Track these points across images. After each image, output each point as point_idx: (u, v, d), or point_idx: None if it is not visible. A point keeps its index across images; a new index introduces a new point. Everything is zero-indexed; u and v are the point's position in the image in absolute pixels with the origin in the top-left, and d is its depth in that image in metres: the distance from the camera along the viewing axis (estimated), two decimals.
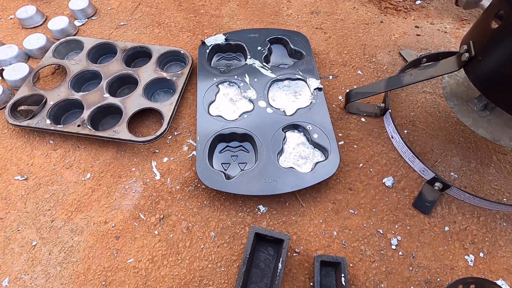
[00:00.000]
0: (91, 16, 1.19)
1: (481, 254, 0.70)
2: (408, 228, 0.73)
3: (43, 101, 0.88)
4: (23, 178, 0.81)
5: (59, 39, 1.05)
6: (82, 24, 1.16)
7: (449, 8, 1.21)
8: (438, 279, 0.67)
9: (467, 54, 0.64)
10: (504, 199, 0.77)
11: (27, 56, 1.07)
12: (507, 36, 0.56)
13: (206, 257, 0.70)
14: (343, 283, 0.62)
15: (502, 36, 0.57)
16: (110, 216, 0.75)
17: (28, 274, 0.68)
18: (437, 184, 0.74)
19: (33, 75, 0.95)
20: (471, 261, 0.69)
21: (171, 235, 0.73)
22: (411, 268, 0.69)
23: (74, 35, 1.11)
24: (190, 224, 0.74)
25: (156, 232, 0.73)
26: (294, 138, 0.84)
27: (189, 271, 0.69)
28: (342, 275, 0.63)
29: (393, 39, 1.10)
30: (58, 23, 1.10)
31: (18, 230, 0.74)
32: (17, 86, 0.96)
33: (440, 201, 0.77)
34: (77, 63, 0.98)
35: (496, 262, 0.69)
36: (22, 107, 0.89)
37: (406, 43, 1.09)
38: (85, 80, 0.97)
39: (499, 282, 0.66)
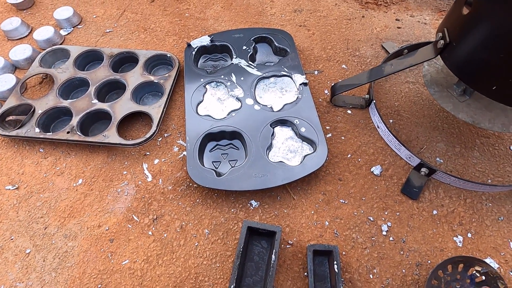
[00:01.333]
0: (77, 25, 1.19)
1: (469, 235, 0.72)
2: (397, 214, 0.75)
3: (31, 110, 0.89)
4: (14, 188, 0.81)
5: (45, 49, 1.06)
6: (68, 33, 1.17)
7: (428, 0, 1.24)
8: (429, 261, 0.69)
9: (442, 41, 0.66)
10: (489, 181, 0.80)
11: (14, 67, 1.07)
12: (477, 21, 0.58)
13: (201, 254, 0.71)
14: (336, 270, 0.63)
15: (473, 22, 0.59)
16: (104, 220, 0.76)
17: (23, 282, 0.68)
18: (423, 169, 0.76)
19: (21, 85, 0.95)
20: (459, 242, 0.71)
21: (165, 235, 0.73)
22: (402, 252, 0.70)
23: (60, 44, 1.12)
24: (183, 223, 0.75)
25: (150, 233, 0.74)
26: (282, 133, 0.85)
27: (185, 268, 0.69)
28: (335, 262, 0.64)
29: (375, 33, 1.13)
30: (44, 33, 1.11)
31: (11, 239, 0.74)
32: (4, 97, 0.96)
33: (428, 186, 0.79)
34: (64, 71, 0.98)
35: (484, 242, 0.71)
36: (11, 117, 0.89)
37: (388, 36, 1.12)
38: (73, 88, 0.98)
39: (487, 261, 0.68)
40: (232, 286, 0.61)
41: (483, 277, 0.62)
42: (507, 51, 0.54)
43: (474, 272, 0.62)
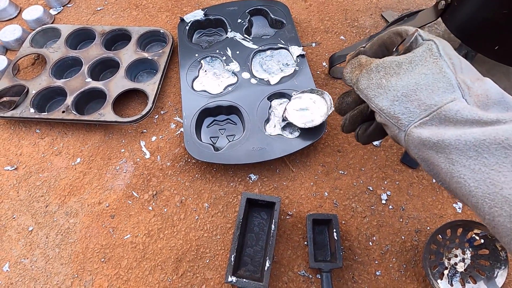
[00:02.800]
0: (66, 4, 1.16)
1: None
2: (397, 183, 0.75)
3: (25, 90, 0.87)
4: (13, 168, 0.81)
5: (35, 29, 1.03)
6: (58, 13, 1.14)
7: None
8: (428, 228, 0.69)
9: (443, 2, 0.63)
10: None
11: (5, 49, 1.05)
12: None
13: (201, 227, 0.71)
14: (335, 237, 0.63)
15: None
16: (104, 197, 0.76)
17: (27, 258, 0.69)
18: None
19: (12, 67, 0.94)
20: (459, 208, 0.71)
21: (165, 210, 0.74)
22: (401, 220, 0.70)
23: (50, 24, 1.09)
24: (183, 198, 0.75)
25: (150, 208, 0.74)
26: (280, 106, 0.84)
27: (186, 241, 0.70)
28: (334, 230, 0.64)
29: (374, 2, 1.09)
30: (33, 13, 1.08)
31: (14, 218, 0.74)
32: None
33: None
34: (56, 51, 0.96)
35: None
36: (5, 99, 0.88)
37: (388, 4, 1.08)
38: (66, 67, 0.96)
39: None
40: (232, 256, 0.62)
41: (482, 240, 0.62)
42: (510, 6, 0.52)
43: (473, 235, 0.63)
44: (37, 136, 0.86)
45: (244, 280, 0.59)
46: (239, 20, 0.98)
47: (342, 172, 0.77)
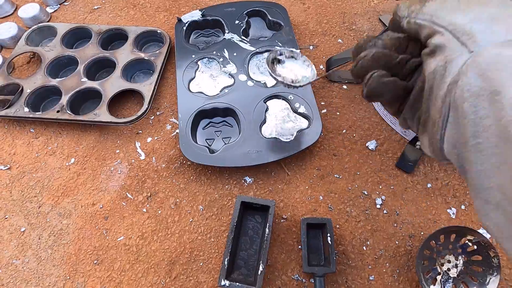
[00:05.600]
0: (63, 2, 1.15)
1: (463, 207, 0.72)
2: (392, 187, 0.75)
3: (19, 89, 0.87)
4: (6, 168, 0.80)
5: (31, 27, 1.02)
6: (55, 11, 1.13)
7: None
8: (422, 233, 0.69)
9: None
10: None
11: (0, 47, 1.04)
12: None
13: (196, 230, 0.71)
14: (329, 242, 0.63)
15: None
16: (98, 198, 0.76)
17: (19, 259, 0.69)
18: (419, 143, 0.75)
19: (7, 65, 0.93)
20: (453, 214, 0.72)
21: (159, 212, 0.73)
22: (395, 225, 0.71)
23: (46, 22, 1.08)
24: (177, 200, 0.75)
25: (144, 210, 0.74)
26: (276, 109, 0.84)
27: (180, 244, 0.70)
28: (328, 234, 0.64)
29: (372, 5, 1.09)
30: (29, 10, 1.07)
31: (6, 218, 0.74)
32: None
33: (422, 160, 0.78)
34: (51, 50, 0.95)
35: (477, 213, 0.71)
36: None
37: (386, 8, 1.08)
38: (61, 66, 0.95)
39: (480, 231, 0.68)
40: (226, 259, 0.62)
41: (475, 247, 0.62)
42: None
43: (466, 241, 0.63)
44: (31, 135, 0.85)
45: (237, 284, 0.59)
46: (237, 22, 0.98)
47: (337, 176, 0.77)
